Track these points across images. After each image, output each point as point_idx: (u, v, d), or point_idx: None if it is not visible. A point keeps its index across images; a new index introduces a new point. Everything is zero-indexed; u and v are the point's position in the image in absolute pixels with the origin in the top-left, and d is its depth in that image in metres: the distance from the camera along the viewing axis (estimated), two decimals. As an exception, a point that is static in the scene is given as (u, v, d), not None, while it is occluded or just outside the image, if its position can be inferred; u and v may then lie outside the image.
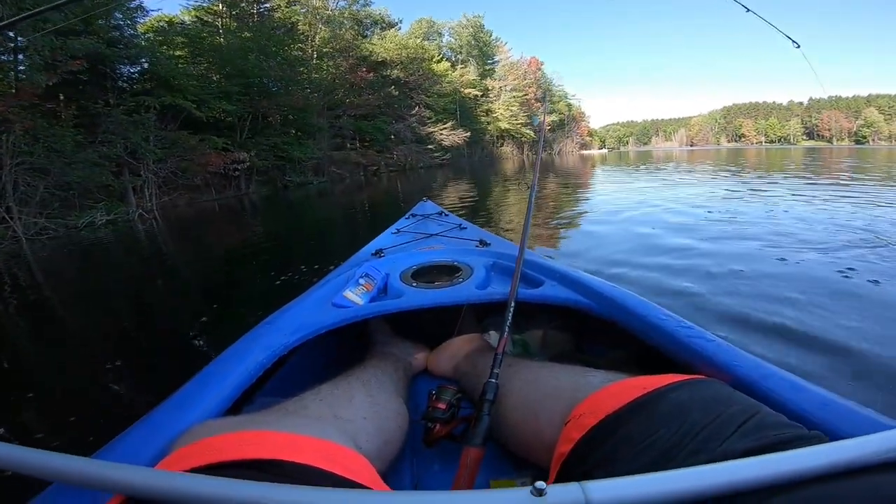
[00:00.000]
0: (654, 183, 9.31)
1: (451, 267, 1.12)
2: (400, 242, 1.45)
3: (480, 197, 8.54)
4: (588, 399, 0.51)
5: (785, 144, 72.16)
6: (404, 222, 1.78)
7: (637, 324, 0.75)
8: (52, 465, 0.33)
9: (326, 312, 0.87)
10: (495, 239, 1.40)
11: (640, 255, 3.24)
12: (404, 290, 0.98)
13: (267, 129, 15.41)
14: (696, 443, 0.38)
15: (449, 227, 1.63)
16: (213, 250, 5.45)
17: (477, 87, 35.56)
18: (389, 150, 23.49)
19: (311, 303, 0.94)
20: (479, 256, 1.19)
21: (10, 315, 3.14)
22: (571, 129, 56.98)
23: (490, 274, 1.08)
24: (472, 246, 1.31)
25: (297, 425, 0.47)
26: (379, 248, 1.33)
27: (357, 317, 0.85)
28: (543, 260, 1.11)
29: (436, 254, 1.24)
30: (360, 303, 0.92)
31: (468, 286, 0.97)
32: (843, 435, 0.40)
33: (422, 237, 1.51)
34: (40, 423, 1.61)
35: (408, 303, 0.90)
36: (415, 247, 1.39)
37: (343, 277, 1.07)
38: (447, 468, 0.70)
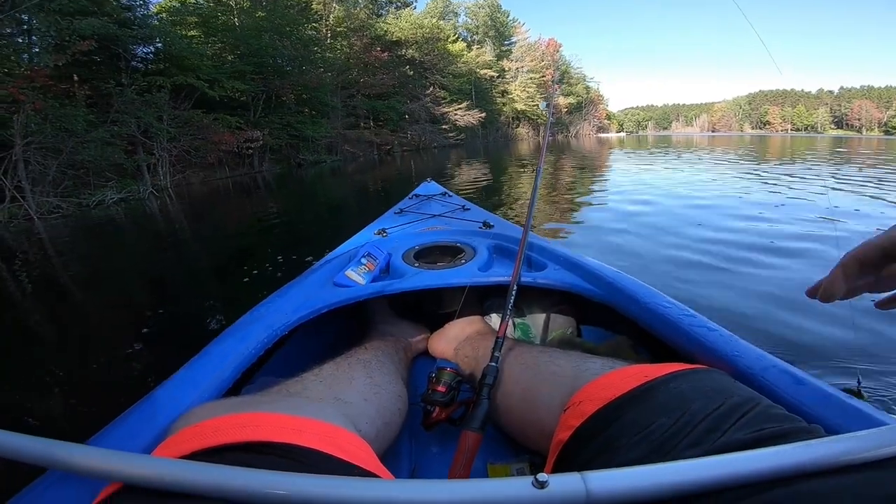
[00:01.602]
0: (671, 166, 9.13)
1: (453, 248, 1.11)
2: (403, 222, 1.44)
3: (494, 177, 8.43)
4: (587, 386, 0.50)
5: (812, 133, 70.01)
6: (407, 202, 1.78)
7: (639, 311, 0.74)
8: (46, 452, 0.33)
9: (328, 292, 0.86)
10: (499, 221, 1.38)
11: (651, 242, 3.18)
12: (406, 271, 0.97)
13: (280, 108, 15.37)
14: (696, 433, 0.38)
15: (452, 207, 1.61)
16: (225, 228, 5.45)
17: (493, 68, 35.03)
18: (403, 130, 23.37)
19: (312, 282, 0.93)
20: (482, 238, 1.17)
21: (22, 291, 3.15)
22: (589, 111, 55.98)
23: (493, 256, 1.07)
24: (475, 227, 1.29)
25: (297, 407, 0.46)
26: (381, 228, 1.32)
27: (359, 297, 0.83)
28: (547, 243, 1.09)
29: (439, 234, 1.23)
30: (361, 282, 0.91)
31: (471, 268, 0.96)
32: (841, 430, 0.41)
33: (425, 217, 1.49)
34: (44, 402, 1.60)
35: (410, 283, 0.88)
36: (417, 227, 1.37)
37: (345, 257, 1.06)
38: (445, 451, 0.70)
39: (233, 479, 0.29)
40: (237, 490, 0.29)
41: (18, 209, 6.75)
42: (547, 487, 0.29)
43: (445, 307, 1.01)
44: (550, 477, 0.30)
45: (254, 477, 0.30)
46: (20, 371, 1.84)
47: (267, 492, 0.29)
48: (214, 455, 0.35)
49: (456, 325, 0.93)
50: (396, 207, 1.69)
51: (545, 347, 0.73)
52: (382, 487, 0.31)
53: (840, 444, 0.31)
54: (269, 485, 0.29)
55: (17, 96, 6.84)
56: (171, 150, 10.52)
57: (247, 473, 0.30)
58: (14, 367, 1.88)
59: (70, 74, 9.50)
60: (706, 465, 0.31)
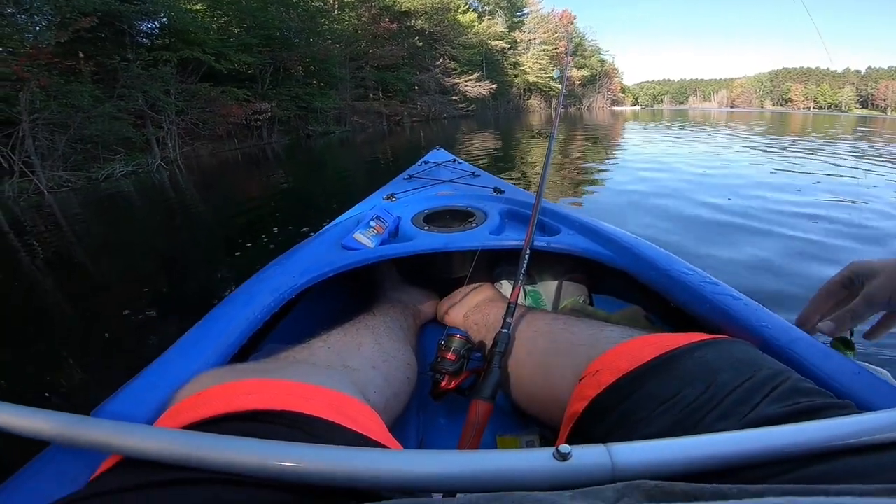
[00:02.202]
0: (684, 139, 8.93)
1: (464, 212, 1.07)
2: (412, 188, 1.40)
3: (505, 148, 8.28)
4: (605, 355, 0.48)
5: (835, 111, 67.91)
6: (416, 168, 1.74)
7: (659, 278, 0.70)
8: (44, 424, 0.32)
9: (335, 254, 0.84)
10: (510, 187, 1.34)
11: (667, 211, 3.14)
12: (416, 234, 0.95)
13: (288, 80, 15.18)
14: (724, 406, 0.36)
15: (462, 174, 1.57)
16: (234, 197, 5.45)
17: (504, 40, 34.13)
18: (413, 101, 22.98)
19: (319, 245, 0.90)
20: (493, 202, 1.14)
21: (34, 262, 3.18)
22: (603, 84, 54.78)
23: (504, 220, 1.04)
24: (486, 192, 1.25)
25: (304, 373, 0.44)
26: (390, 193, 1.28)
27: (367, 259, 0.81)
28: (561, 208, 1.04)
29: (449, 198, 1.20)
30: (370, 245, 0.88)
31: (482, 231, 0.93)
32: (871, 406, 0.40)
33: (434, 183, 1.45)
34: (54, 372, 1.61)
35: (419, 246, 0.86)
36: (427, 192, 1.33)
37: (353, 220, 1.03)
38: (454, 422, 0.69)
39: (237, 450, 0.28)
40: (242, 461, 0.28)
41: (28, 184, 6.81)
42: (569, 459, 0.28)
43: (455, 272, 1.00)
44: (573, 448, 0.28)
45: (259, 447, 0.28)
46: (31, 340, 1.85)
47: (273, 463, 0.27)
48: (218, 424, 0.34)
49: (466, 290, 0.91)
50: (405, 173, 1.66)
51: (559, 315, 0.69)
52: (395, 459, 0.29)
53: (876, 421, 0.30)
54: (276, 455, 0.28)
55: (20, 74, 6.84)
56: (180, 123, 10.48)
57: (252, 444, 0.29)
58: (25, 337, 1.89)
59: (75, 51, 9.44)
60: (738, 439, 0.29)
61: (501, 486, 0.27)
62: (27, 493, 0.36)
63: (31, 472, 0.38)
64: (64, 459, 0.38)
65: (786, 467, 0.29)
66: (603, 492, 0.23)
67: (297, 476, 0.27)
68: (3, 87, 6.88)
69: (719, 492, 0.21)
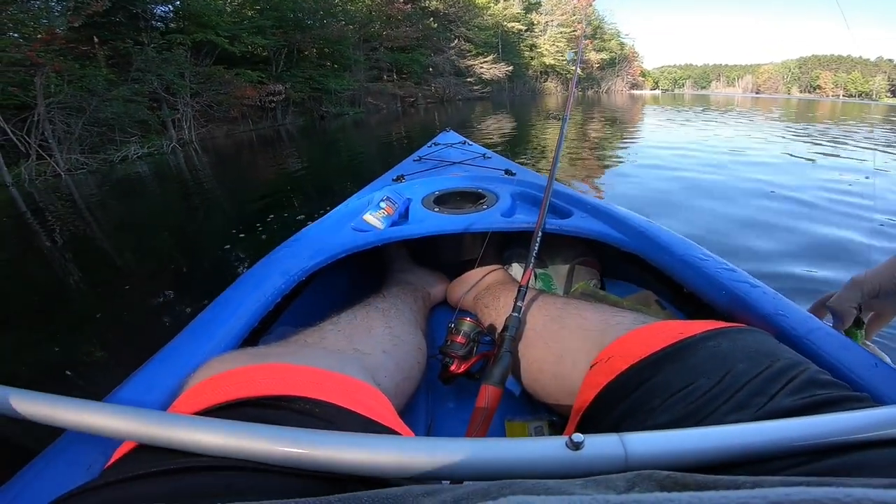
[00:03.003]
0: (704, 123, 8.69)
1: (475, 193, 1.06)
2: (422, 169, 1.39)
3: (521, 130, 8.14)
4: (617, 341, 0.47)
5: (865, 100, 65.46)
6: (426, 150, 1.72)
7: (673, 263, 0.69)
8: (60, 411, 0.33)
9: (346, 236, 0.83)
10: (521, 169, 1.33)
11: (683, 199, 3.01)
12: (426, 215, 0.94)
13: (302, 61, 15.15)
14: (740, 396, 0.35)
15: (472, 155, 1.55)
16: (249, 178, 5.47)
17: (521, 22, 33.47)
18: (427, 83, 22.79)
19: (329, 226, 0.90)
20: (504, 184, 1.13)
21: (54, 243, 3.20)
22: (622, 68, 53.47)
23: (516, 202, 1.02)
24: (497, 174, 1.24)
25: (316, 358, 0.44)
26: (400, 175, 1.27)
27: (377, 241, 0.80)
28: (573, 191, 1.04)
29: (459, 180, 1.18)
30: (380, 227, 0.87)
31: (493, 213, 0.92)
32: (888, 399, 0.39)
33: (444, 165, 1.44)
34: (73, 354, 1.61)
35: (429, 227, 0.85)
36: (437, 174, 1.32)
37: (363, 201, 1.03)
38: (463, 406, 0.68)
39: (249, 436, 0.28)
40: (253, 447, 0.28)
41: (46, 166, 6.93)
42: (582, 448, 0.27)
43: (465, 255, 0.98)
44: (587, 437, 0.28)
45: (271, 433, 0.28)
46: (47, 321, 1.87)
47: (284, 449, 0.28)
48: (231, 410, 0.34)
49: (476, 273, 0.90)
50: (415, 155, 1.64)
51: (570, 299, 0.67)
52: (406, 446, 0.29)
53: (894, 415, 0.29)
54: (287, 442, 0.28)
55: (34, 59, 6.89)
56: (195, 105, 10.58)
57: (264, 430, 0.29)
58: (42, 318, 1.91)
59: (90, 36, 9.56)
60: (754, 431, 0.29)
61: (513, 475, 0.27)
62: (44, 481, 0.36)
63: (48, 460, 0.38)
64: (79, 446, 0.38)
65: (801, 460, 0.28)
66: (614, 481, 0.22)
67: (307, 462, 0.28)
68: (17, 72, 6.98)
69: (734, 483, 0.20)
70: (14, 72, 6.89)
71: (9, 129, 6.85)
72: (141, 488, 0.27)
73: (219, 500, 0.23)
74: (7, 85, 6.80)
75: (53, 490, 0.32)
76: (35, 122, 7.18)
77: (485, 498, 0.18)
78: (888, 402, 0.35)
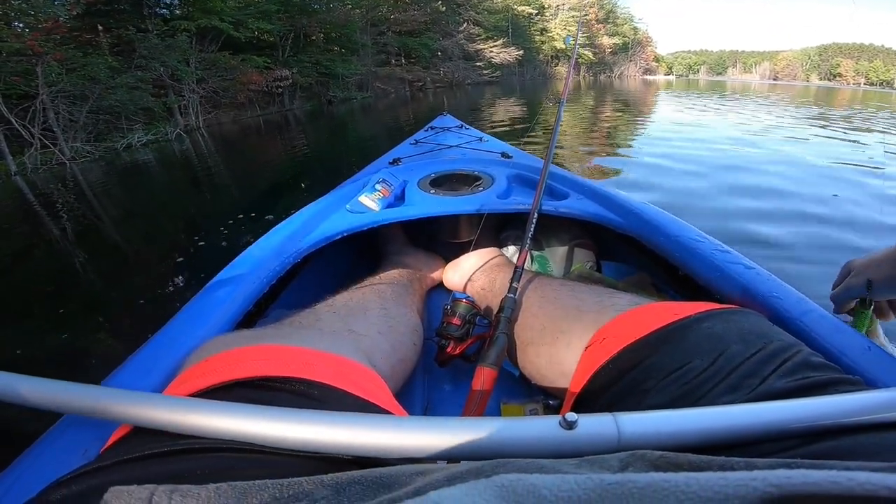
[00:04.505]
0: (716, 109, 8.45)
1: (471, 176, 1.05)
2: (418, 153, 1.39)
3: (530, 114, 7.96)
4: (612, 322, 0.47)
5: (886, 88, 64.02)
6: (423, 134, 1.72)
7: (668, 244, 0.69)
8: (58, 395, 0.33)
9: (341, 217, 0.83)
10: (518, 152, 1.33)
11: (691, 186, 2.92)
12: (422, 198, 0.93)
13: (309, 46, 15.01)
14: (733, 378, 0.35)
15: (469, 139, 1.55)
16: (256, 163, 5.43)
17: (531, 5, 32.97)
18: (436, 67, 22.58)
19: (324, 208, 0.90)
20: (501, 167, 1.12)
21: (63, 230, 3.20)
22: (636, 53, 52.59)
23: (512, 184, 1.01)
24: (493, 157, 1.24)
25: (310, 339, 0.44)
26: (396, 157, 1.28)
27: (373, 223, 0.80)
28: (569, 174, 1.04)
29: (456, 163, 1.17)
30: (376, 208, 0.87)
31: (489, 195, 0.91)
32: (880, 383, 0.39)
33: (441, 148, 1.44)
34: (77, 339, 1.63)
35: (425, 210, 0.85)
36: (434, 157, 1.32)
37: (359, 183, 1.01)
38: (459, 388, 0.68)
39: (243, 417, 0.28)
40: (248, 428, 0.28)
41: (51, 155, 6.92)
42: (576, 428, 0.28)
43: (461, 237, 0.99)
44: (580, 417, 0.28)
45: (265, 413, 0.29)
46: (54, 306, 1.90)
47: (278, 430, 0.28)
48: (226, 391, 0.34)
49: (472, 255, 0.89)
50: (412, 139, 1.64)
51: (566, 280, 0.68)
52: (399, 425, 0.29)
53: (888, 398, 0.29)
54: (281, 422, 0.28)
55: (35, 49, 6.84)
56: (200, 91, 10.53)
57: (257, 410, 0.29)
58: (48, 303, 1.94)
59: (94, 24, 9.52)
60: (747, 413, 0.29)
61: (507, 454, 0.27)
62: (43, 464, 0.36)
63: (46, 444, 0.38)
64: (77, 430, 0.38)
65: (793, 442, 0.28)
66: (608, 460, 0.22)
67: (301, 442, 0.28)
68: (19, 62, 6.94)
69: (727, 464, 0.21)
70: (15, 61, 6.85)
71: (12, 118, 6.82)
72: (137, 471, 0.27)
73: (213, 481, 0.23)
74: (9, 74, 6.76)
75: (51, 473, 0.32)
76: (37, 110, 7.16)
77: (478, 476, 0.19)
78: (881, 386, 0.34)
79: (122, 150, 7.76)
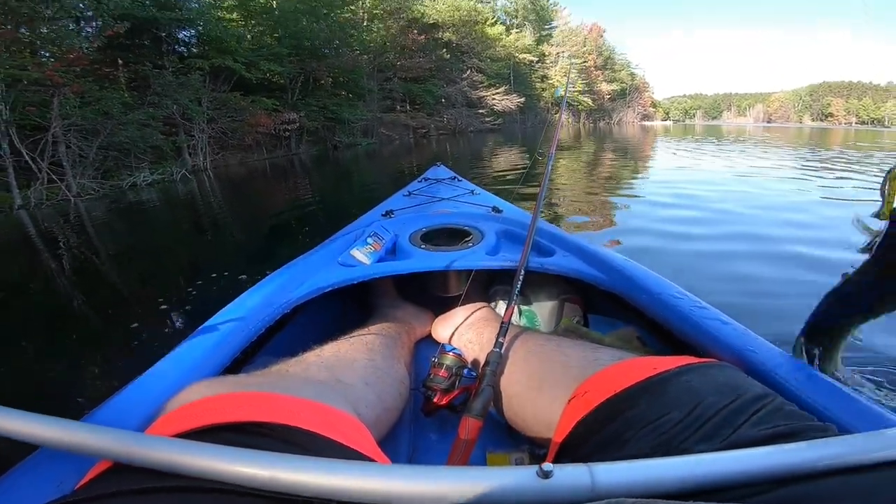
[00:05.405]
0: (718, 157, 8.61)
1: (461, 231, 1.08)
2: (411, 205, 1.42)
3: (532, 164, 8.09)
4: (595, 376, 0.49)
5: (878, 126, 65.43)
6: (416, 185, 1.77)
7: (649, 301, 0.72)
8: (35, 428, 0.33)
9: (332, 270, 0.85)
10: (508, 206, 1.38)
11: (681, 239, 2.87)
12: (413, 252, 0.96)
13: (317, 90, 15.46)
14: (707, 428, 0.37)
15: (461, 191, 1.59)
16: (261, 207, 5.43)
17: (532, 53, 34.20)
18: (439, 113, 23.14)
19: (316, 260, 0.92)
20: (490, 222, 1.15)
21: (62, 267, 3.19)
22: (633, 98, 54.18)
23: (501, 240, 1.05)
24: (484, 211, 1.27)
25: (296, 388, 0.45)
26: (389, 209, 1.32)
27: (364, 276, 0.82)
28: (557, 230, 1.08)
29: (447, 217, 1.21)
30: (367, 262, 0.90)
31: (478, 251, 0.95)
32: (853, 429, 0.41)
33: (433, 200, 1.48)
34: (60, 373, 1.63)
35: (416, 265, 0.87)
36: (426, 209, 1.36)
37: (351, 236, 1.05)
38: (444, 438, 0.69)
39: (225, 459, 0.28)
40: (229, 470, 0.28)
41: (57, 190, 6.89)
42: (551, 478, 0.29)
43: (451, 291, 1.01)
44: (555, 467, 0.29)
45: (247, 457, 0.29)
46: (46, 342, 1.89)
47: (260, 473, 0.28)
48: (208, 434, 0.34)
49: (461, 310, 0.91)
50: (405, 190, 1.69)
51: (552, 335, 0.70)
52: (380, 472, 0.30)
53: (854, 443, 0.30)
54: (263, 466, 0.28)
55: (54, 79, 6.91)
56: (210, 132, 10.72)
57: (240, 453, 0.29)
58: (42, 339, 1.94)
59: (115, 58, 9.74)
60: (717, 461, 0.30)
61: (485, 503, 0.28)
62: (15, 496, 0.36)
63: (19, 475, 0.38)
64: (53, 462, 0.38)
65: (764, 488, 0.29)
66: None
67: (284, 486, 0.28)
68: (37, 92, 6.98)
69: None
70: (33, 91, 6.92)
71: (24, 150, 6.80)
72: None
73: None
74: (25, 104, 6.80)
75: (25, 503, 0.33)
76: (48, 143, 7.17)
77: None
78: (852, 431, 0.35)
79: (126, 188, 7.79)
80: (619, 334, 0.77)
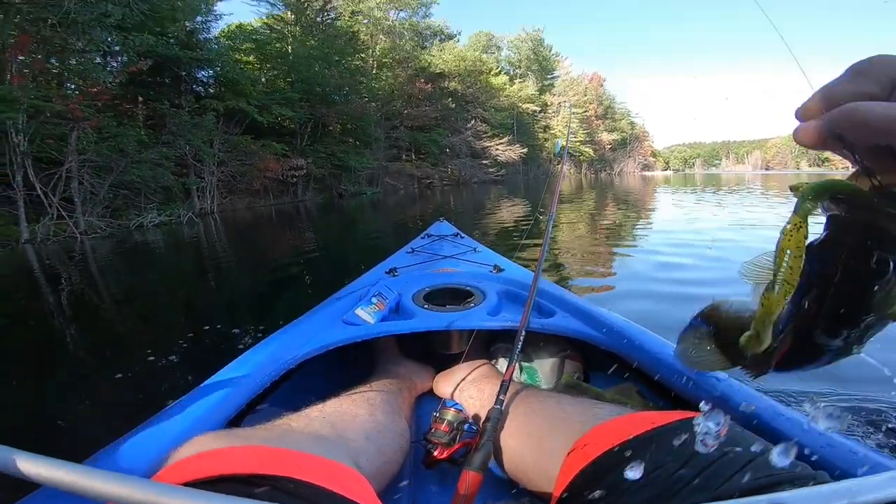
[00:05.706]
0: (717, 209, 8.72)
1: (463, 291, 1.10)
2: (414, 262, 1.45)
3: (535, 218, 8.17)
4: (594, 430, 0.50)
5: None
6: (419, 242, 1.79)
7: (647, 359, 0.74)
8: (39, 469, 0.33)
9: (337, 329, 0.88)
10: (509, 264, 1.40)
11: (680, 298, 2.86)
12: (416, 312, 0.97)
13: (326, 136, 15.92)
14: (701, 479, 0.38)
15: (464, 249, 1.62)
16: (266, 255, 5.44)
17: (535, 103, 35.31)
18: (444, 164, 23.65)
19: (321, 318, 0.95)
20: (492, 282, 1.18)
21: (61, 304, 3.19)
22: (633, 148, 55.35)
23: (502, 301, 1.07)
24: (486, 270, 1.29)
25: (299, 442, 0.47)
26: (392, 267, 1.33)
27: (367, 335, 0.85)
28: (558, 289, 1.10)
29: (449, 276, 1.23)
30: (371, 321, 0.92)
31: (480, 311, 0.96)
32: (847, 475, 0.42)
33: (436, 258, 1.52)
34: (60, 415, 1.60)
35: (419, 325, 0.89)
36: (429, 267, 1.39)
37: (356, 295, 1.08)
38: (444, 491, 0.70)
39: None
40: None
41: (65, 226, 6.88)
42: None
43: (453, 349, 1.02)
44: None
45: None
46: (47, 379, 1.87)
47: None
48: (215, 485, 0.36)
49: (462, 367, 0.93)
50: (408, 247, 1.71)
51: (552, 392, 0.73)
52: None
53: (844, 490, 0.30)
54: None
55: (76, 113, 7.00)
56: (219, 175, 10.91)
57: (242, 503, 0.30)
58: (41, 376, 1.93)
59: (136, 95, 10.05)
60: None
61: None
62: None
63: None
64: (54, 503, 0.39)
65: None
66: None
67: None
68: (57, 125, 7.05)
69: None
70: (54, 123, 6.99)
71: (37, 184, 6.80)
72: None
73: None
74: (44, 137, 6.86)
75: None
76: (61, 178, 7.18)
77: None
78: (845, 478, 0.35)
79: (133, 228, 7.83)
80: (619, 389, 0.79)
